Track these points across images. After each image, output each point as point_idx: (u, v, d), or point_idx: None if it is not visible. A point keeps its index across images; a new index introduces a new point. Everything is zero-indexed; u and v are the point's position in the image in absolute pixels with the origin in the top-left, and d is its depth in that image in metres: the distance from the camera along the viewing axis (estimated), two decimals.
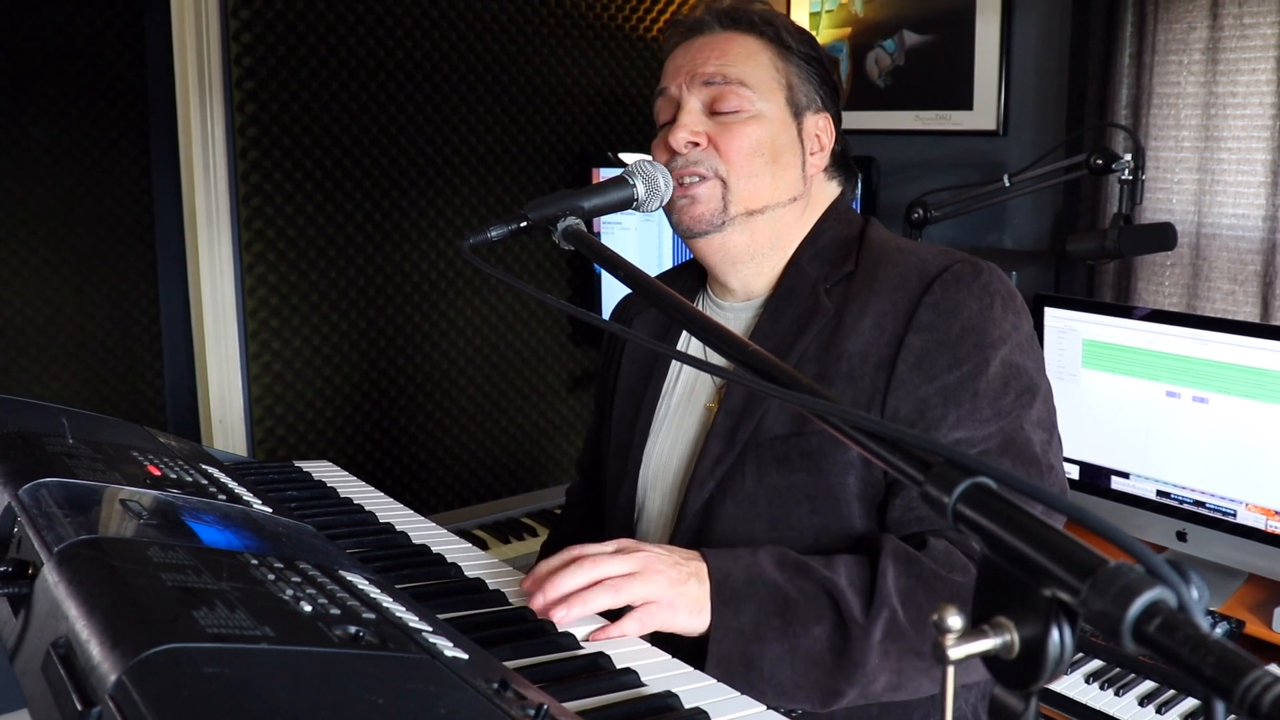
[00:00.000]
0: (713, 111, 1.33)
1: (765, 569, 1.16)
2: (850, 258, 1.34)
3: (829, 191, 1.43)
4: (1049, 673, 0.52)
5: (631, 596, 1.09)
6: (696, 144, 1.32)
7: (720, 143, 1.32)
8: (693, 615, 1.13)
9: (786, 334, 1.32)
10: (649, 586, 1.10)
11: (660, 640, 1.08)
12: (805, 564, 1.17)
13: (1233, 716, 0.45)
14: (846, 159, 1.45)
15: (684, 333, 1.44)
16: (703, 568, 1.15)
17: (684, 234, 1.37)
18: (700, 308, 1.46)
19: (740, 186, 1.32)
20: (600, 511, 1.55)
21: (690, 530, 1.31)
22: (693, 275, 1.50)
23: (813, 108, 1.38)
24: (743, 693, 0.98)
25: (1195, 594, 0.47)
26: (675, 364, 1.45)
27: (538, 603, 1.09)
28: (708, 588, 1.14)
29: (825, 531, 1.25)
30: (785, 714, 1.11)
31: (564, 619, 1.07)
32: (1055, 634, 0.51)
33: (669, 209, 1.36)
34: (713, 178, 1.32)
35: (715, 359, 1.14)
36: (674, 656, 1.02)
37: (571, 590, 1.09)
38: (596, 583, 1.10)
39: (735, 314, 1.42)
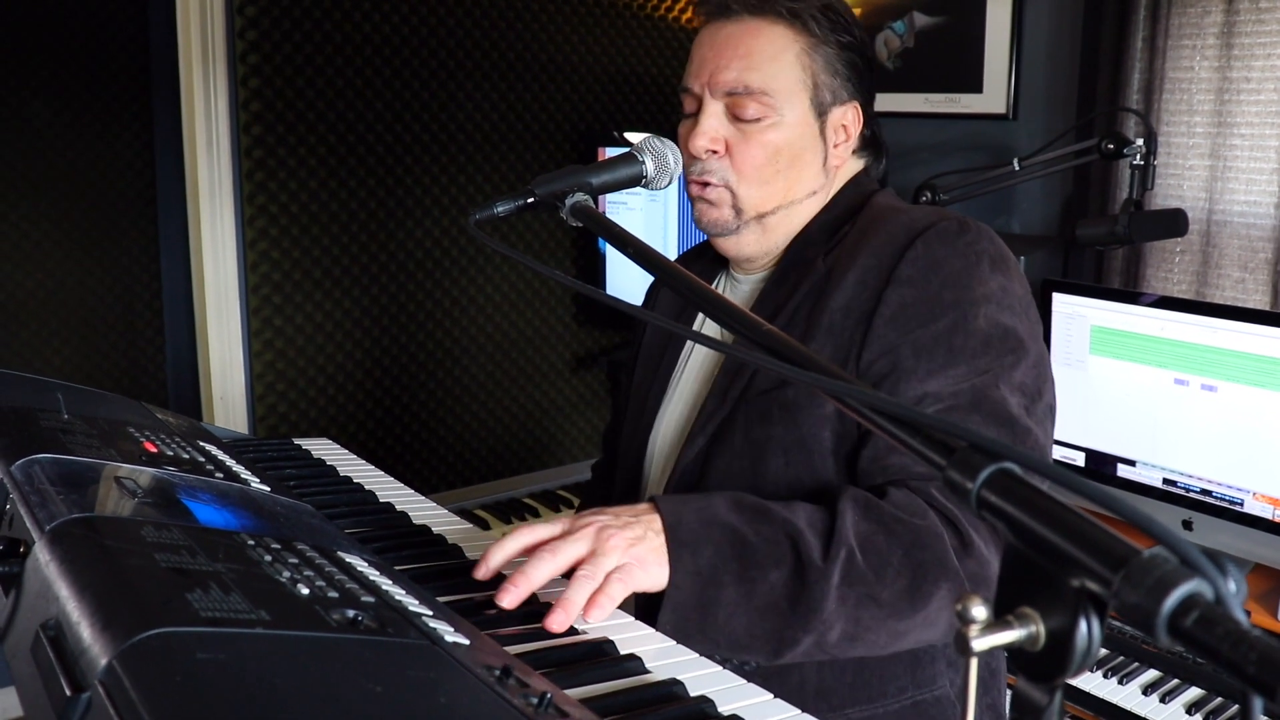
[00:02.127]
0: (735, 116, 1.34)
1: (719, 511, 1.14)
2: (850, 220, 1.35)
3: (851, 167, 1.43)
4: (1076, 666, 0.50)
5: (604, 571, 1.06)
6: (715, 151, 1.34)
7: (735, 153, 1.33)
8: (661, 567, 1.10)
9: (783, 296, 1.33)
10: (611, 557, 1.07)
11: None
12: (764, 506, 1.15)
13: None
14: (876, 139, 1.45)
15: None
16: (655, 518, 1.13)
17: (703, 231, 1.40)
18: (721, 281, 1.48)
19: (749, 194, 1.34)
20: None
21: (682, 486, 1.32)
22: (712, 252, 1.50)
23: (839, 101, 1.36)
24: (695, 643, 0.97)
25: (1233, 587, 0.45)
26: None
27: (508, 602, 1.03)
28: (664, 537, 1.11)
29: (799, 485, 1.24)
30: (738, 666, 1.09)
31: (560, 624, 1.01)
32: (1083, 626, 0.49)
33: (692, 204, 1.39)
34: (722, 186, 1.34)
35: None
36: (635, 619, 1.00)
37: (542, 583, 1.06)
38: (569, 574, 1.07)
39: (747, 283, 1.44)
